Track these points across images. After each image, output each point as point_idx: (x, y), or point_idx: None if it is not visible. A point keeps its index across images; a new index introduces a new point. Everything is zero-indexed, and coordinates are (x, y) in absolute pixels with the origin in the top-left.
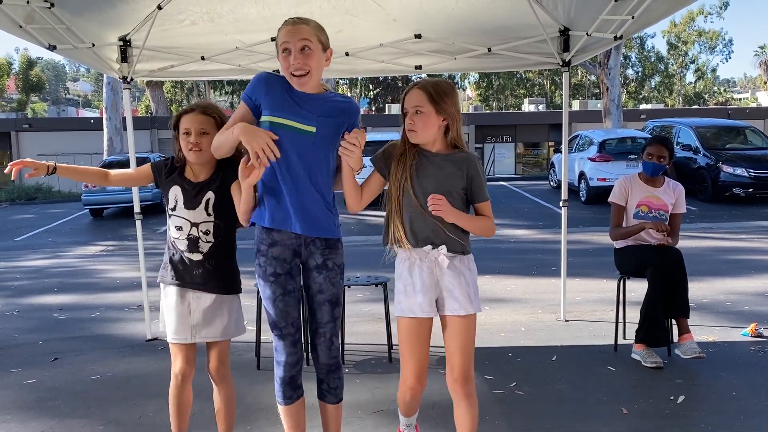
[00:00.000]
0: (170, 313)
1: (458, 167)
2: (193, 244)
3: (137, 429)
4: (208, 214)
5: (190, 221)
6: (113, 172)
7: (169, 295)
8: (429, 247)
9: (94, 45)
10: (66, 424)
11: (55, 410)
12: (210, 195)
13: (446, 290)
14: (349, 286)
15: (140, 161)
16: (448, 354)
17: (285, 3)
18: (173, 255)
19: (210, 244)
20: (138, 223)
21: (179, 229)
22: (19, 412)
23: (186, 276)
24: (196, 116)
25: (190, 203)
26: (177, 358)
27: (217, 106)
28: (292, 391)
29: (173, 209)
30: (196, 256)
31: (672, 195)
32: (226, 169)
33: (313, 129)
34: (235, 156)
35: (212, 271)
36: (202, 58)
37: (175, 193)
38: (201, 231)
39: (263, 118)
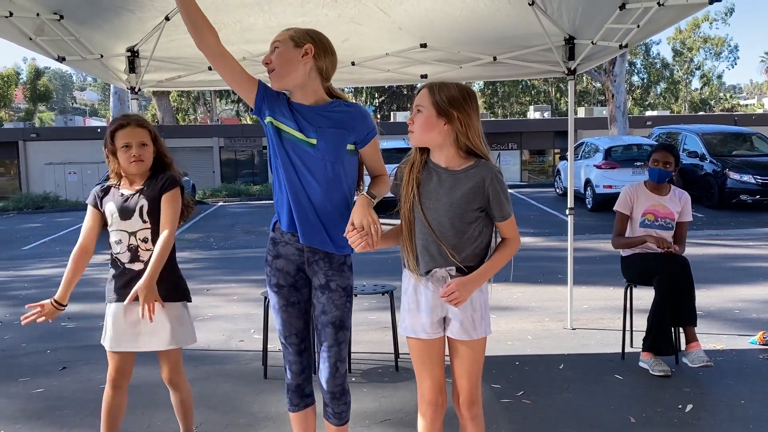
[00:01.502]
0: (110, 323)
1: (474, 185)
2: (134, 253)
3: None
4: (144, 221)
5: (127, 231)
6: (82, 244)
7: (110, 309)
8: (437, 269)
9: (102, 56)
10: None
11: (63, 419)
12: (143, 202)
13: (452, 312)
14: (356, 295)
15: None
16: (453, 376)
17: (291, 12)
18: (116, 272)
19: (150, 252)
20: None
21: (119, 242)
22: (28, 421)
23: (130, 289)
24: (133, 129)
25: (125, 214)
26: (110, 366)
27: (146, 120)
28: (299, 398)
29: (110, 225)
30: (138, 266)
31: (678, 203)
32: (157, 176)
33: (313, 141)
34: (167, 164)
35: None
36: (209, 68)
37: (111, 210)
38: (139, 239)
39: (266, 120)
